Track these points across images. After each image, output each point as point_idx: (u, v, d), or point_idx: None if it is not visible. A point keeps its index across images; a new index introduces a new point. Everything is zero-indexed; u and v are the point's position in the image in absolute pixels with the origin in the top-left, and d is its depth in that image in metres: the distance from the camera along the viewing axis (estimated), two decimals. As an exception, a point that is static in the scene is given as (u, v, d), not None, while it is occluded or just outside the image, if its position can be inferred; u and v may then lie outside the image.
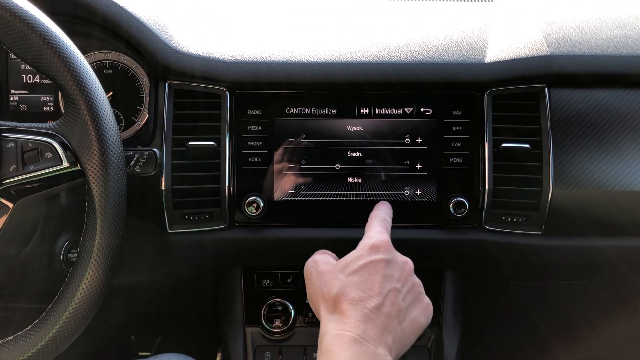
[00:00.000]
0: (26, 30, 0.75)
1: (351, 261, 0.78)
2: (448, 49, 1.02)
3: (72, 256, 1.01)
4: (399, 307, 0.75)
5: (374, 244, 0.79)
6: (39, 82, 1.04)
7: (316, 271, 0.81)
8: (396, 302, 0.75)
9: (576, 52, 1.01)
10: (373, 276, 0.75)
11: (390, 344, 0.72)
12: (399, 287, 0.76)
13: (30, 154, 0.78)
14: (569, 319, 1.27)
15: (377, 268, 0.76)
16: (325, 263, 0.82)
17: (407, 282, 0.78)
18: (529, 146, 0.99)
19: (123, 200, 0.82)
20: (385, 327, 0.72)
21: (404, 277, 0.78)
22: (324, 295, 0.76)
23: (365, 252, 0.79)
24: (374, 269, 0.76)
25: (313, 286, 0.80)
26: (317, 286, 0.78)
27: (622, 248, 1.04)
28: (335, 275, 0.77)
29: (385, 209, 0.94)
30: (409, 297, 0.77)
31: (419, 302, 0.79)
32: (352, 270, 0.76)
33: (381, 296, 0.73)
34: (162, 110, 1.00)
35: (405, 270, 0.79)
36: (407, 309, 0.76)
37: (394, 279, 0.76)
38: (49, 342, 0.79)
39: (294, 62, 1.00)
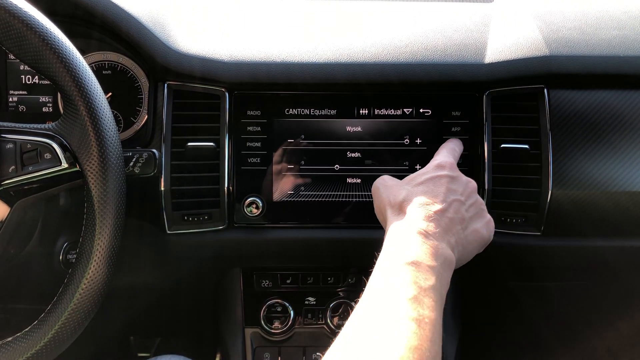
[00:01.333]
0: (25, 31, 0.75)
1: (417, 175, 0.83)
2: (447, 50, 1.02)
3: (71, 257, 1.01)
4: (462, 216, 0.78)
5: (439, 163, 0.84)
6: (38, 83, 1.04)
7: (383, 185, 0.84)
8: (459, 211, 0.77)
9: (575, 52, 1.01)
10: (438, 187, 0.79)
11: (453, 244, 0.74)
12: (462, 199, 0.79)
13: (29, 154, 0.78)
14: (569, 320, 1.27)
15: (442, 181, 0.80)
16: (392, 179, 0.86)
17: (470, 197, 0.81)
18: (528, 147, 0.99)
19: (122, 201, 0.81)
20: (448, 228, 0.74)
21: (467, 193, 0.81)
22: (390, 202, 0.79)
23: (431, 169, 0.83)
24: (438, 182, 0.80)
25: (380, 197, 0.83)
26: (384, 196, 0.82)
27: (622, 249, 1.04)
28: (402, 186, 0.81)
29: (457, 142, 0.98)
30: (472, 210, 0.81)
31: (482, 217, 0.82)
32: (417, 182, 0.80)
33: (445, 203, 0.76)
34: (161, 111, 0.99)
35: (469, 187, 0.82)
36: (470, 219, 0.79)
37: (458, 193, 0.80)
38: (47, 343, 0.79)
39: (293, 62, 1.00)
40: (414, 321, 0.60)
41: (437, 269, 0.68)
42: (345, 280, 1.10)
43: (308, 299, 1.10)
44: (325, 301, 1.09)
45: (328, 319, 1.07)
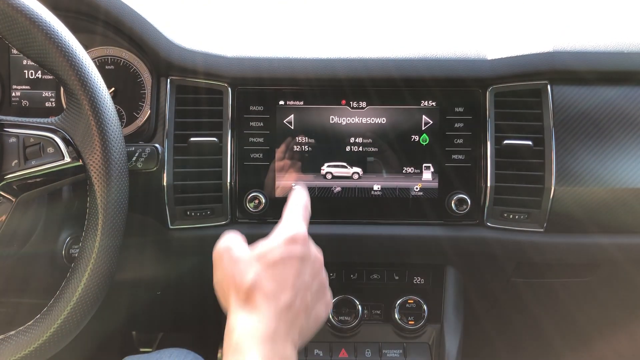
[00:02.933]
0: (29, 26, 0.75)
1: (268, 252, 0.75)
2: (450, 46, 1.02)
3: (73, 252, 1.01)
4: (307, 304, 0.74)
5: (292, 236, 0.76)
6: (41, 78, 1.04)
7: (229, 256, 0.75)
8: (305, 300, 0.74)
9: (579, 49, 1.01)
10: (288, 271, 0.73)
11: (296, 339, 0.71)
12: (309, 284, 0.75)
13: (32, 149, 0.78)
14: (571, 317, 1.27)
15: (293, 263, 0.74)
16: (239, 249, 0.77)
17: (316, 278, 0.77)
18: (532, 143, 0.98)
19: (125, 196, 0.82)
20: (293, 324, 0.71)
21: (314, 274, 0.77)
22: (237, 284, 0.73)
23: (283, 244, 0.75)
24: (289, 264, 0.73)
25: (224, 272, 0.75)
26: (229, 273, 0.75)
27: (625, 245, 1.03)
28: (251, 264, 0.73)
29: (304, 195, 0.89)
30: (315, 295, 0.77)
31: (323, 298, 0.79)
32: (267, 262, 0.73)
33: (293, 292, 0.72)
34: (164, 106, 1.00)
35: (316, 267, 0.78)
36: (313, 305, 0.76)
37: (306, 275, 0.75)
38: (50, 337, 0.79)
39: (295, 58, 1.00)
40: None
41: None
42: (347, 275, 1.10)
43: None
44: (327, 297, 1.09)
45: (330, 315, 1.07)
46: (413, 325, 1.07)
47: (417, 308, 1.08)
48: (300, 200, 0.86)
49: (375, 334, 1.09)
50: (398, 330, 1.08)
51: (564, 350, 1.40)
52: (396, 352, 1.07)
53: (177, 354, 0.97)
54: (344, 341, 1.08)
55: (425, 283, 1.10)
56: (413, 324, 1.07)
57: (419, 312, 1.07)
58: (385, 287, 1.10)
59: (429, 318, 1.07)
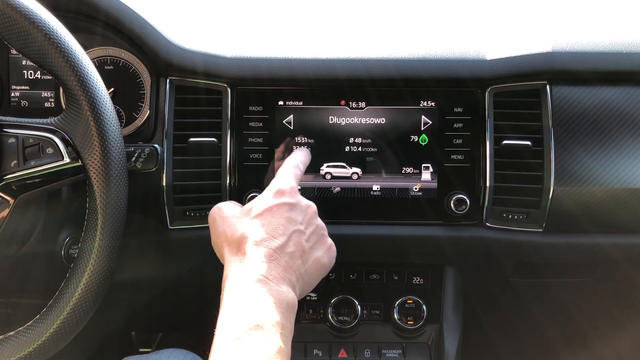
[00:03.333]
0: (28, 26, 0.75)
1: (255, 205, 0.78)
2: (449, 46, 1.02)
3: (73, 252, 1.01)
4: (303, 248, 0.76)
5: (279, 189, 0.80)
6: (40, 78, 1.04)
7: (220, 216, 0.80)
8: (300, 243, 0.75)
9: (578, 49, 1.01)
10: (277, 218, 0.76)
11: (294, 281, 0.73)
12: (302, 229, 0.77)
13: (31, 149, 0.78)
14: (570, 317, 1.27)
15: (281, 211, 0.77)
16: (229, 209, 0.81)
17: (311, 224, 0.79)
18: (531, 143, 0.99)
19: (124, 196, 0.82)
20: (288, 265, 0.73)
21: (307, 220, 0.79)
22: (228, 238, 0.76)
23: (270, 197, 0.79)
24: (277, 212, 0.76)
25: (217, 231, 0.79)
26: (221, 230, 0.78)
27: (624, 245, 1.04)
28: (239, 218, 0.77)
29: (303, 155, 0.93)
30: (312, 239, 0.78)
31: (322, 244, 0.80)
32: (256, 214, 0.77)
33: (285, 237, 0.74)
34: (163, 106, 1.00)
35: (309, 214, 0.80)
36: (310, 250, 0.77)
37: (298, 222, 0.77)
38: (49, 337, 0.79)
39: (295, 58, 1.00)
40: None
41: (281, 322, 0.66)
42: (346, 276, 1.10)
43: (309, 295, 1.10)
44: (327, 297, 1.09)
45: (329, 315, 1.07)
46: (412, 325, 1.07)
47: (416, 308, 1.08)
48: (293, 160, 0.90)
49: (375, 334, 1.09)
50: (397, 330, 1.08)
51: (563, 350, 1.40)
52: (395, 352, 1.07)
53: (176, 354, 0.97)
54: (343, 341, 1.08)
55: (424, 283, 1.10)
56: (412, 324, 1.07)
57: (418, 312, 1.07)
58: (384, 287, 1.10)
59: (428, 318, 1.08)
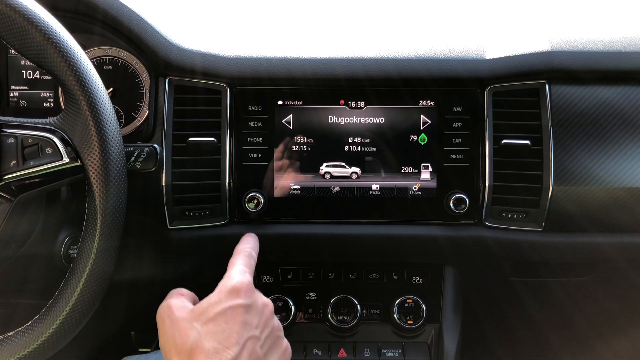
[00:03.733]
0: (27, 26, 0.75)
1: (208, 307, 0.73)
2: (449, 45, 1.02)
3: (72, 252, 1.01)
4: (257, 356, 0.72)
5: (233, 286, 0.74)
6: (39, 78, 1.04)
7: (169, 318, 0.74)
8: (254, 352, 0.71)
9: (577, 48, 1.01)
10: (231, 325, 0.71)
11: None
12: (257, 334, 0.73)
13: (30, 149, 0.78)
14: (569, 316, 1.27)
15: (235, 315, 0.72)
16: (180, 309, 0.75)
17: (267, 326, 0.75)
18: (530, 143, 0.99)
19: (123, 196, 0.81)
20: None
21: (263, 322, 0.75)
22: (177, 347, 0.70)
23: (224, 297, 0.74)
24: (231, 316, 0.72)
25: (166, 335, 0.73)
26: (169, 335, 0.72)
27: (622, 245, 1.04)
28: (191, 323, 0.72)
29: (253, 242, 0.90)
30: (267, 343, 0.75)
31: (278, 347, 0.77)
32: (208, 318, 0.71)
33: (238, 346, 0.69)
34: (162, 106, 1.00)
35: (265, 315, 0.76)
36: (264, 356, 0.74)
37: (253, 326, 0.73)
38: (49, 337, 0.79)
39: (294, 58, 1.00)
40: None
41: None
42: (346, 275, 1.10)
43: (309, 294, 1.10)
44: (326, 296, 1.09)
45: (329, 314, 1.07)
46: (412, 324, 1.07)
47: (415, 307, 1.08)
48: (244, 248, 0.85)
49: (374, 333, 1.09)
50: (397, 329, 1.08)
51: (561, 349, 1.40)
52: (395, 352, 1.07)
53: (175, 355, 0.97)
54: (342, 341, 1.08)
55: (423, 283, 1.10)
56: (412, 324, 1.07)
57: (417, 312, 1.07)
58: (384, 286, 1.10)
59: (427, 317, 1.08)
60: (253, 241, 0.91)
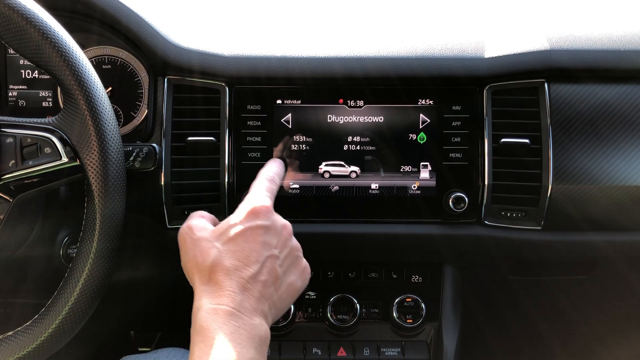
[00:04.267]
0: (25, 25, 0.75)
1: (228, 228, 0.75)
2: (447, 44, 1.02)
3: (71, 252, 1.01)
4: (277, 274, 0.74)
5: (253, 208, 0.76)
6: (37, 78, 1.03)
7: (191, 238, 0.76)
8: (273, 269, 0.73)
9: (576, 47, 1.01)
10: (250, 244, 0.73)
11: (267, 311, 0.71)
12: (276, 253, 0.75)
13: (29, 149, 0.78)
14: (567, 315, 1.27)
15: (255, 235, 0.74)
16: (200, 229, 0.77)
17: (285, 246, 0.77)
18: (529, 141, 0.99)
19: (122, 196, 0.81)
20: (261, 295, 0.71)
21: (282, 242, 0.77)
22: (199, 265, 0.73)
23: (244, 218, 0.75)
24: (251, 236, 0.74)
25: (187, 255, 0.76)
26: (191, 255, 0.75)
27: (621, 243, 1.04)
28: (211, 243, 0.74)
29: (277, 167, 0.91)
30: (286, 262, 0.77)
31: (297, 266, 0.78)
32: (228, 238, 0.74)
33: (258, 264, 0.72)
34: (161, 105, 0.99)
35: (284, 235, 0.78)
36: (284, 275, 0.75)
37: (272, 246, 0.75)
38: (48, 337, 0.79)
39: (292, 57, 1.00)
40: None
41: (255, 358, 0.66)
42: (345, 274, 1.10)
43: (308, 294, 1.10)
44: (326, 296, 1.09)
45: (328, 314, 1.07)
46: (411, 323, 1.07)
47: (415, 306, 1.08)
48: (266, 173, 0.86)
49: (374, 332, 1.09)
50: (396, 328, 1.08)
51: (560, 347, 1.41)
52: (394, 351, 1.07)
53: (175, 354, 0.97)
54: (342, 340, 1.08)
55: (423, 281, 1.10)
56: (411, 323, 1.07)
57: (417, 311, 1.07)
58: (383, 285, 1.10)
59: (427, 316, 1.08)
60: (277, 166, 0.92)
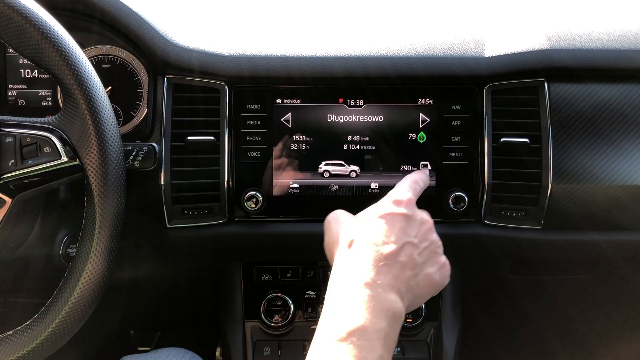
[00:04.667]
0: (25, 24, 0.75)
1: (371, 211, 0.78)
2: (447, 44, 1.02)
3: (71, 251, 1.01)
4: (415, 261, 0.74)
5: (397, 199, 0.79)
6: (37, 77, 1.03)
7: (336, 220, 0.82)
8: (412, 256, 0.74)
9: (575, 46, 1.01)
10: (390, 227, 0.75)
11: (403, 292, 0.71)
12: (416, 242, 0.76)
13: (28, 148, 0.78)
14: (567, 314, 1.27)
15: (395, 220, 0.75)
16: (346, 215, 0.84)
17: (425, 239, 0.78)
18: (529, 141, 0.99)
19: (122, 195, 0.81)
20: (398, 275, 0.71)
21: (422, 235, 0.78)
22: (340, 240, 0.77)
23: (387, 205, 0.78)
24: (392, 221, 0.75)
25: (330, 233, 0.81)
26: (334, 232, 0.80)
27: (621, 243, 1.04)
28: (354, 222, 0.79)
29: (423, 175, 0.93)
30: (425, 254, 0.77)
31: (436, 261, 0.78)
32: (370, 219, 0.76)
33: (397, 245, 0.73)
34: (161, 104, 0.99)
35: (424, 228, 0.79)
36: (422, 264, 0.76)
37: (412, 235, 0.76)
38: (48, 337, 0.79)
39: (292, 56, 1.00)
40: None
41: (385, 330, 0.65)
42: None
43: (308, 293, 1.10)
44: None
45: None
46: (411, 323, 1.07)
47: (415, 306, 1.08)
48: (413, 176, 0.90)
49: (374, 331, 1.09)
50: (396, 328, 1.08)
51: (560, 347, 1.41)
52: (394, 350, 1.07)
53: (175, 353, 0.97)
54: (342, 339, 1.08)
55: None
56: (411, 322, 1.07)
57: (416, 310, 1.07)
58: (383, 285, 1.10)
59: (426, 316, 1.08)
60: (424, 175, 0.93)
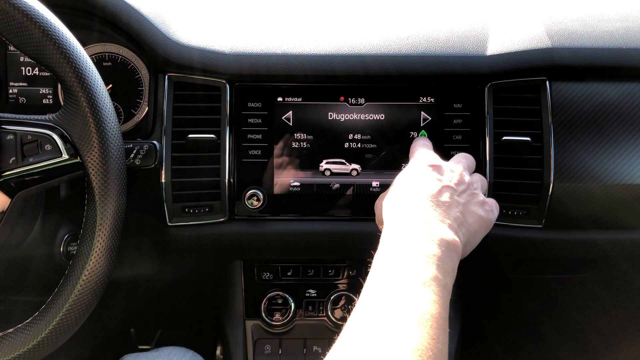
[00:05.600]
0: (26, 22, 0.75)
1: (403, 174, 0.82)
2: (449, 42, 1.02)
3: (72, 249, 1.01)
4: (457, 201, 0.76)
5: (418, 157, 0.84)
6: (38, 75, 1.03)
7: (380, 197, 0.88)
8: (452, 197, 0.76)
9: (577, 44, 1.01)
10: (422, 177, 0.78)
11: (456, 227, 0.73)
12: (452, 185, 0.78)
13: (29, 146, 0.78)
14: (568, 313, 1.27)
15: (425, 171, 0.79)
16: None
17: (461, 183, 0.79)
18: (530, 139, 0.98)
19: (123, 193, 0.81)
20: (446, 212, 0.73)
21: (457, 179, 0.79)
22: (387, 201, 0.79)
23: (415, 164, 0.82)
24: (423, 172, 0.79)
25: (378, 205, 0.87)
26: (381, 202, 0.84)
27: (622, 241, 1.04)
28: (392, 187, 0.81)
29: (426, 141, 0.97)
30: (464, 196, 0.78)
31: (477, 199, 0.80)
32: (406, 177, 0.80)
33: (436, 189, 0.75)
34: (162, 102, 0.99)
35: (455, 172, 0.81)
36: (465, 204, 0.78)
37: (447, 179, 0.78)
38: (48, 335, 0.79)
39: (293, 54, 1.00)
40: (414, 320, 0.58)
41: (439, 257, 0.65)
42: (345, 272, 1.10)
43: (309, 291, 1.10)
44: (326, 293, 1.09)
45: (329, 311, 1.08)
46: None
47: (415, 304, 1.07)
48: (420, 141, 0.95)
49: (374, 330, 1.09)
50: (397, 326, 1.08)
51: (561, 347, 1.40)
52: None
53: (175, 352, 0.98)
54: (342, 338, 1.08)
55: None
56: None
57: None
58: (384, 283, 1.10)
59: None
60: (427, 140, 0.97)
